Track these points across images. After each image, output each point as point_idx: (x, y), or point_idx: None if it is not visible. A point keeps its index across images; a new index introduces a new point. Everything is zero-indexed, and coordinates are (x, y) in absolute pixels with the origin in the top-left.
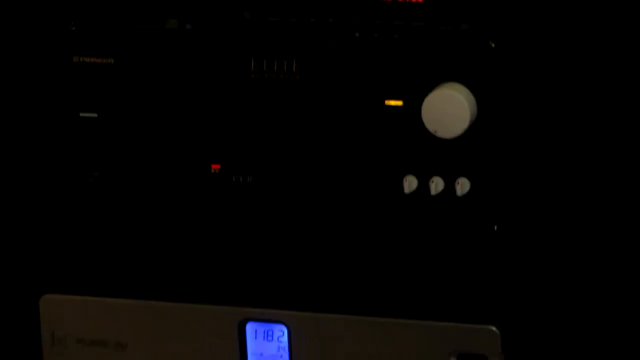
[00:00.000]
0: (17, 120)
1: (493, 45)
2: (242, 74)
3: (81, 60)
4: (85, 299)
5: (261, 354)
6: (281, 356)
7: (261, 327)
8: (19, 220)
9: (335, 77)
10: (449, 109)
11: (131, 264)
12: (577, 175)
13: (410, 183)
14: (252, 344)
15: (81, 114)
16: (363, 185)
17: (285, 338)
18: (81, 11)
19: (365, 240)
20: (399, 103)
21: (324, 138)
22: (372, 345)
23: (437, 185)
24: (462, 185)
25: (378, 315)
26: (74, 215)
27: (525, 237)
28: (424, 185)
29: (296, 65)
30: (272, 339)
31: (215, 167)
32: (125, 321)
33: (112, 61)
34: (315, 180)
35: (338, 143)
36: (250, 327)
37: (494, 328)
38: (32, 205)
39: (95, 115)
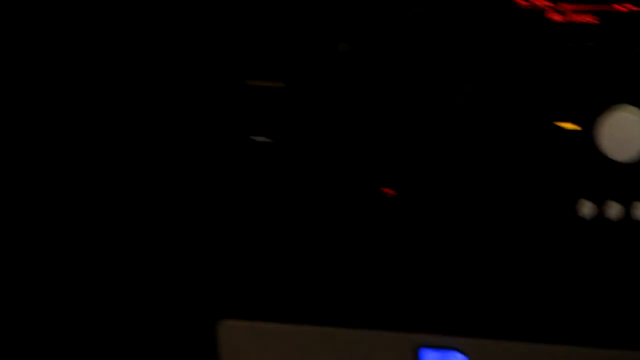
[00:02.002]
0: (189, 144)
1: None
2: (414, 97)
3: (253, 84)
4: (264, 324)
5: None
6: None
7: (437, 355)
8: (195, 243)
9: (506, 100)
10: (624, 132)
11: (305, 289)
12: None
13: (584, 206)
14: None
15: (253, 138)
16: (536, 208)
17: None
18: (253, 35)
19: (541, 265)
20: (573, 126)
21: (497, 162)
22: None
23: (612, 209)
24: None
25: (555, 342)
26: (250, 239)
27: None
28: (598, 209)
29: (468, 88)
30: None
31: (388, 191)
32: (301, 347)
33: (284, 85)
34: (488, 203)
35: (510, 167)
36: (425, 354)
37: None
38: (206, 230)
39: (267, 139)
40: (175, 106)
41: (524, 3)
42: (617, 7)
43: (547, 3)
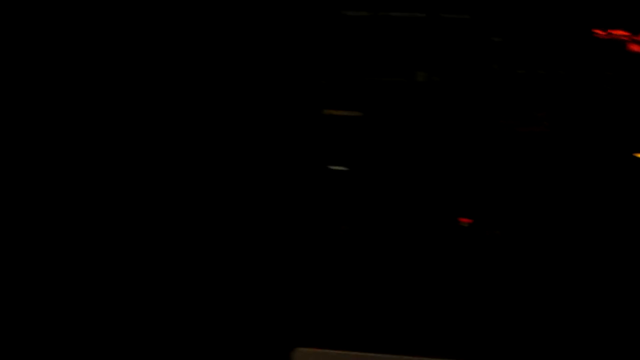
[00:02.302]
0: (264, 171)
1: None
2: (491, 127)
3: (330, 113)
4: (337, 352)
5: None
6: None
7: None
8: (273, 273)
9: (584, 130)
10: None
11: (378, 317)
12: None
13: None
14: None
15: (330, 167)
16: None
17: None
18: (331, 65)
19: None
20: None
21: (576, 192)
22: None
23: None
24: None
25: None
26: (323, 266)
27: None
28: None
29: (546, 116)
30: None
31: (465, 220)
32: None
33: (361, 114)
34: (566, 234)
35: (588, 197)
36: None
37: None
38: (282, 259)
39: (344, 168)
40: (256, 134)
41: (602, 34)
42: None
43: (625, 34)
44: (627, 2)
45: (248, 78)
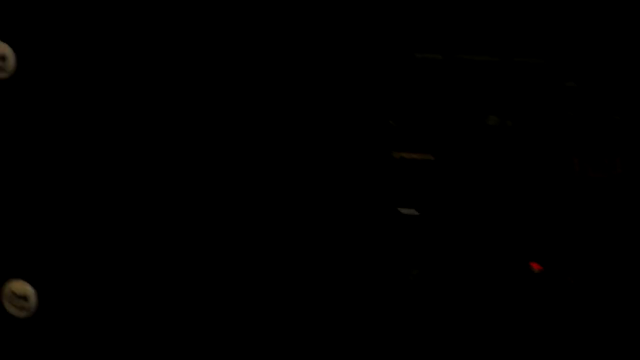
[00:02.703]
0: (333, 213)
1: None
2: (565, 172)
3: (400, 156)
4: None
5: None
6: None
7: None
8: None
9: None
10: None
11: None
12: None
13: None
14: None
15: (400, 210)
16: None
17: None
18: (401, 107)
19: None
20: None
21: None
22: None
23: None
24: None
25: None
26: (393, 310)
27: None
28: None
29: (619, 163)
30: None
31: (536, 266)
32: None
33: (432, 157)
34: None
35: None
36: None
37: None
38: (349, 302)
39: (414, 211)
40: (325, 175)
41: None
42: None
43: None
44: None
45: (318, 118)
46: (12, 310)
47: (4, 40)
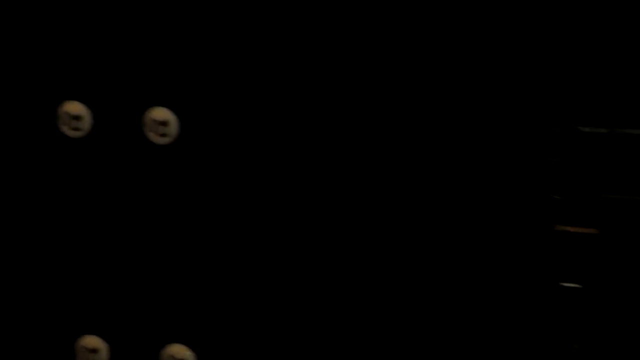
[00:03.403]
0: (493, 286)
1: None
2: None
3: (564, 229)
4: None
5: None
6: None
7: None
8: None
9: None
10: None
11: None
12: None
13: None
14: None
15: (562, 284)
16: None
17: None
18: (565, 181)
19: None
20: None
21: None
22: None
23: None
24: None
25: None
26: None
27: None
28: None
29: None
30: None
31: None
32: None
33: (596, 231)
34: None
35: None
36: None
37: None
38: None
39: (577, 285)
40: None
41: None
42: None
43: None
44: None
45: (480, 191)
46: None
47: (166, 106)
